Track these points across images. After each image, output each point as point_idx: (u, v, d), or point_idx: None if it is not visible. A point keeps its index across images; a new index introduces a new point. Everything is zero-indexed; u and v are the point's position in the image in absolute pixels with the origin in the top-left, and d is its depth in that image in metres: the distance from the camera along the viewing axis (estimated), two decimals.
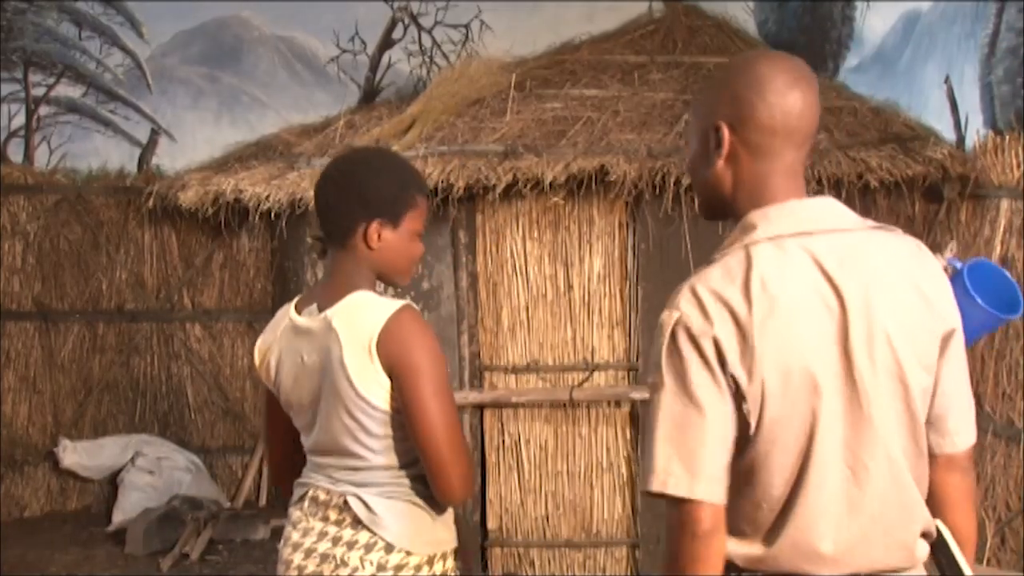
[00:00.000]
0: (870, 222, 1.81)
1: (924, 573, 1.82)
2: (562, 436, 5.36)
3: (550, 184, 5.05)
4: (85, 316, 6.86)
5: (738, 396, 1.66)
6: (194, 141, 6.93)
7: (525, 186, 5.09)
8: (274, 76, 7.22)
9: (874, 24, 6.18)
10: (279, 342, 2.25)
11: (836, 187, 4.97)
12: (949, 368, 1.78)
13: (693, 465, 1.65)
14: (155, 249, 6.87)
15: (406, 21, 7.00)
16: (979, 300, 2.48)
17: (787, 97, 1.72)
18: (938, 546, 1.83)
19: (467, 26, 6.95)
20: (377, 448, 2.14)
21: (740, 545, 1.74)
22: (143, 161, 7.03)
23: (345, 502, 2.17)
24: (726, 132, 1.74)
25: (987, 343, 4.85)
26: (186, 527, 5.79)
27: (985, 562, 4.60)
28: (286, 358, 2.23)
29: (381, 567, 2.11)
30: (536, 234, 5.35)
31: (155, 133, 7.05)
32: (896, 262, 1.75)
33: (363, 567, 2.11)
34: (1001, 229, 5.11)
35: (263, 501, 6.60)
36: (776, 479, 1.70)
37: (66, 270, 6.84)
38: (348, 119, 6.37)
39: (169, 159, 6.95)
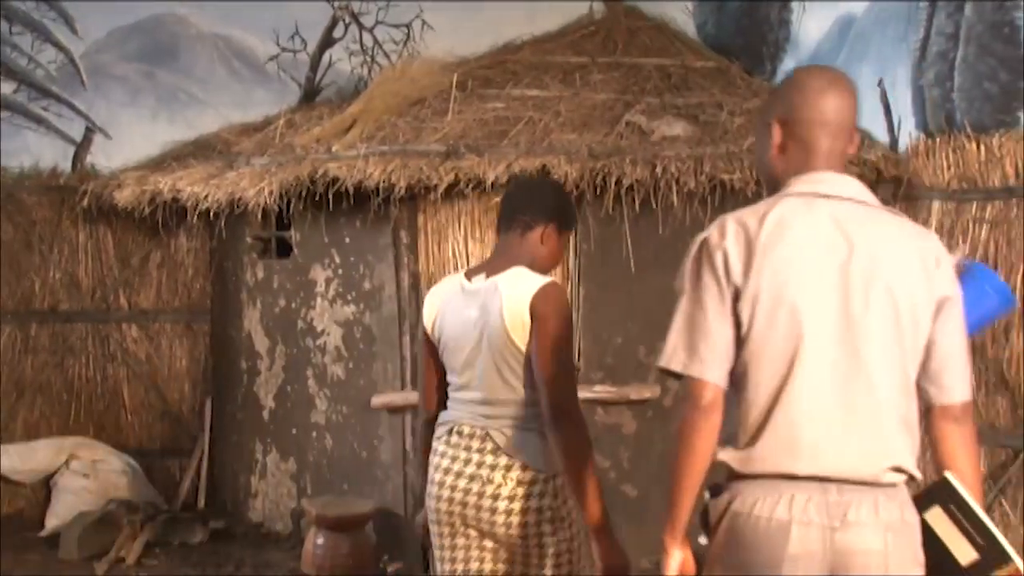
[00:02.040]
0: (887, 207, 2.21)
1: (896, 495, 2.08)
2: None
3: (492, 184, 5.05)
4: (17, 317, 6.72)
5: (736, 302, 2.07)
6: (130, 139, 6.81)
7: (467, 186, 5.10)
8: (212, 74, 7.14)
9: (810, 27, 6.29)
10: (446, 303, 2.90)
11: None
12: (946, 330, 2.14)
13: (692, 350, 2.08)
14: (90, 249, 6.75)
15: (347, 20, 6.96)
16: (989, 288, 2.83)
17: (823, 96, 2.15)
18: (947, 493, 2.12)
19: (408, 26, 6.93)
20: (516, 384, 2.77)
21: (735, 450, 2.09)
22: (77, 159, 6.89)
23: (487, 434, 2.79)
24: (777, 128, 2.18)
25: None
26: (122, 531, 5.71)
27: None
28: (452, 314, 2.87)
29: (520, 482, 2.76)
30: (478, 234, 5.36)
31: (90, 131, 6.92)
32: (903, 233, 2.14)
33: (505, 483, 2.76)
34: (933, 230, 5.22)
35: (201, 503, 6.53)
36: (763, 385, 2.07)
37: None
38: (288, 118, 6.32)
39: (104, 157, 6.83)
